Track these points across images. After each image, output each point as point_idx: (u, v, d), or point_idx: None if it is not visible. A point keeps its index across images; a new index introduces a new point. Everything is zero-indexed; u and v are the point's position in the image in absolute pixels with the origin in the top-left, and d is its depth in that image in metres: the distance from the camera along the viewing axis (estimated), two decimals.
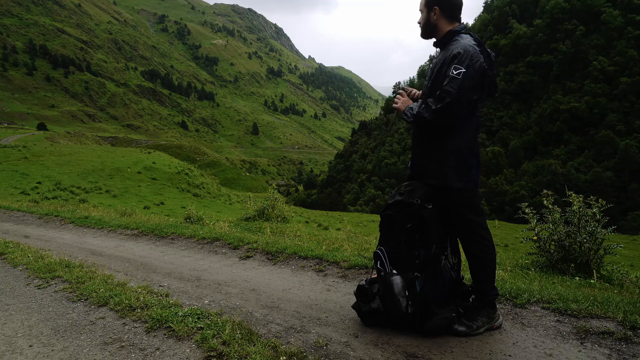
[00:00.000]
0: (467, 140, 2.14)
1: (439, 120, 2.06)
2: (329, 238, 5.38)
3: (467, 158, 2.14)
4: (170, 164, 38.23)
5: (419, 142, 2.31)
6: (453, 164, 2.13)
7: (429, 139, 2.22)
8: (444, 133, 2.14)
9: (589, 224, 3.64)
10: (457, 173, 2.13)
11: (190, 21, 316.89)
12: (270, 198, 8.25)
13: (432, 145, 2.20)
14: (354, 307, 2.42)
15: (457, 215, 2.19)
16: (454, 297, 2.29)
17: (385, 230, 2.30)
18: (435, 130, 2.16)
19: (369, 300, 2.32)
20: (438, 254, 2.21)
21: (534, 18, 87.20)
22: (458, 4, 2.19)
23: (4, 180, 23.27)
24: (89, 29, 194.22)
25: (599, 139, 61.10)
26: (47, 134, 67.42)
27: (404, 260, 2.20)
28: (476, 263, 2.22)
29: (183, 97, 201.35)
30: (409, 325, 2.17)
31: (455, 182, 2.13)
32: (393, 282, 2.16)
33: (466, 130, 2.13)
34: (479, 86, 2.05)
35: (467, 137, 2.14)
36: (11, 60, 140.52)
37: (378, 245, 2.34)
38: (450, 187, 2.15)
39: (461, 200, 2.16)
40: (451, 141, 2.13)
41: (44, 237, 6.29)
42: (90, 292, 3.05)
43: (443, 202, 2.21)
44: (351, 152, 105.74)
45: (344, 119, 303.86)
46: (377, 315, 2.27)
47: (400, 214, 2.22)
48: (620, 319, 2.23)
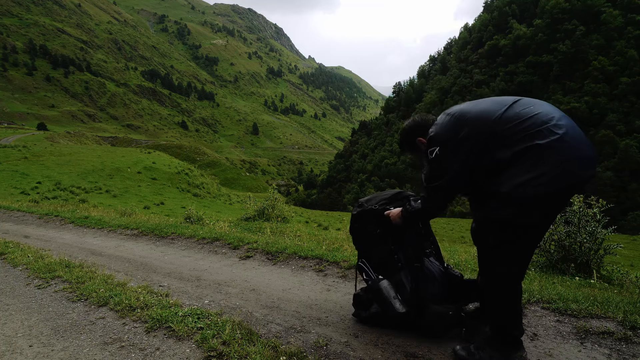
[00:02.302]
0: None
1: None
2: (329, 238, 5.38)
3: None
4: (170, 164, 38.22)
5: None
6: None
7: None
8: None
9: (589, 224, 3.64)
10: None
11: (190, 21, 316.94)
12: (270, 198, 8.25)
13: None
14: (355, 315, 2.44)
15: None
16: (453, 298, 2.28)
17: (358, 242, 2.40)
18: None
19: (367, 306, 2.35)
20: (417, 255, 2.21)
21: (534, 18, 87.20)
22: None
23: (4, 180, 23.26)
24: (89, 29, 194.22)
25: (599, 139, 61.07)
26: (47, 134, 67.42)
27: (385, 265, 2.25)
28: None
29: (183, 97, 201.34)
30: (407, 324, 2.18)
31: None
32: (381, 286, 2.21)
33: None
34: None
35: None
36: (11, 60, 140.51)
37: (359, 258, 2.40)
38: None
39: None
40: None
41: (44, 237, 6.28)
42: (90, 292, 3.05)
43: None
44: (351, 152, 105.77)
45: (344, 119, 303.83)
46: (377, 318, 2.29)
47: (365, 224, 2.31)
48: (620, 319, 2.23)
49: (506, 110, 1.67)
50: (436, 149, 1.78)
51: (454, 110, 1.82)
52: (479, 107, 1.76)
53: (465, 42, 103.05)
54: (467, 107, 1.81)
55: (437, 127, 1.83)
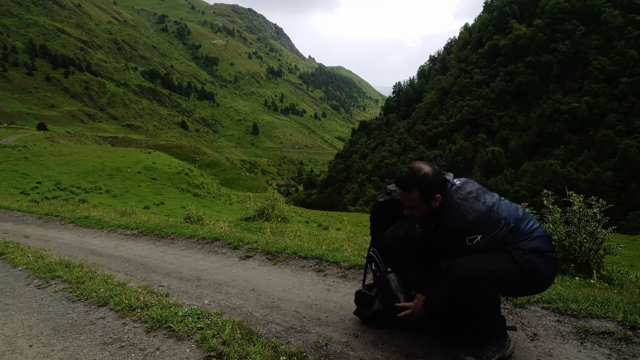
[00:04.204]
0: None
1: None
2: (329, 238, 5.38)
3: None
4: (170, 164, 38.22)
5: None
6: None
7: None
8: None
9: (589, 224, 3.64)
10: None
11: (190, 21, 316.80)
12: (270, 198, 8.25)
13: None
14: (356, 314, 2.42)
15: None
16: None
17: (375, 230, 2.32)
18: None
19: (369, 304, 2.33)
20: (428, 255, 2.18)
21: (534, 18, 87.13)
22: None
23: (4, 180, 23.26)
24: (89, 29, 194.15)
25: (599, 139, 61.06)
26: (47, 134, 67.41)
27: (397, 258, 2.22)
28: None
29: (183, 97, 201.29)
30: (409, 323, 2.16)
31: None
32: (389, 279, 2.18)
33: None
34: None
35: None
36: (11, 60, 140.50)
37: (370, 247, 2.36)
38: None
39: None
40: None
41: (44, 237, 6.28)
42: (90, 292, 3.05)
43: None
44: (351, 152, 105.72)
45: (344, 119, 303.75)
46: (379, 317, 2.27)
47: (389, 213, 2.23)
48: (620, 319, 2.23)
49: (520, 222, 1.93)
50: (477, 237, 1.85)
51: (490, 203, 1.91)
52: (504, 212, 1.92)
53: (465, 42, 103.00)
54: (496, 201, 1.94)
55: (476, 214, 1.87)
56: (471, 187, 1.97)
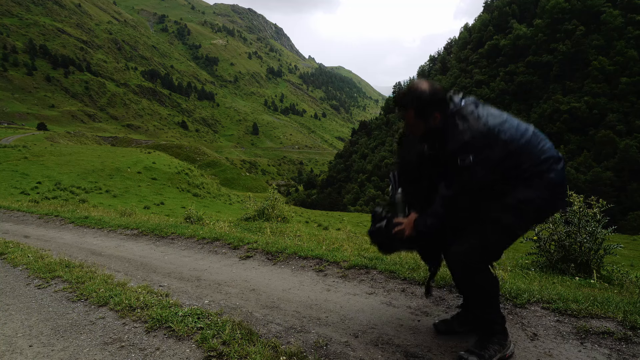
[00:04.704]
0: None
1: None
2: (329, 238, 5.38)
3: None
4: (170, 164, 38.22)
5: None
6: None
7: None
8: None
9: (589, 224, 3.64)
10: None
11: (190, 21, 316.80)
12: (270, 198, 8.24)
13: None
14: (368, 232, 2.40)
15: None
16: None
17: (397, 153, 2.43)
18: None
19: (376, 221, 2.33)
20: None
21: (534, 18, 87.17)
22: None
23: (4, 180, 23.26)
24: (89, 29, 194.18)
25: (599, 139, 61.08)
26: (47, 134, 67.44)
27: (411, 183, 2.25)
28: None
29: (183, 97, 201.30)
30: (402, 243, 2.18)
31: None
32: (396, 198, 2.23)
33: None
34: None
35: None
36: (11, 60, 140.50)
37: (392, 171, 2.42)
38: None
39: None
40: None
41: (44, 237, 6.28)
42: (90, 292, 3.05)
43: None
44: (351, 152, 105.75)
45: (344, 119, 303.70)
46: (380, 233, 2.25)
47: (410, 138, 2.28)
48: (620, 319, 2.23)
49: (529, 140, 1.90)
50: (469, 157, 1.79)
51: (487, 121, 1.84)
52: (509, 131, 1.86)
53: (465, 42, 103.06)
54: (498, 124, 1.86)
55: (473, 133, 1.80)
56: (473, 107, 1.89)
